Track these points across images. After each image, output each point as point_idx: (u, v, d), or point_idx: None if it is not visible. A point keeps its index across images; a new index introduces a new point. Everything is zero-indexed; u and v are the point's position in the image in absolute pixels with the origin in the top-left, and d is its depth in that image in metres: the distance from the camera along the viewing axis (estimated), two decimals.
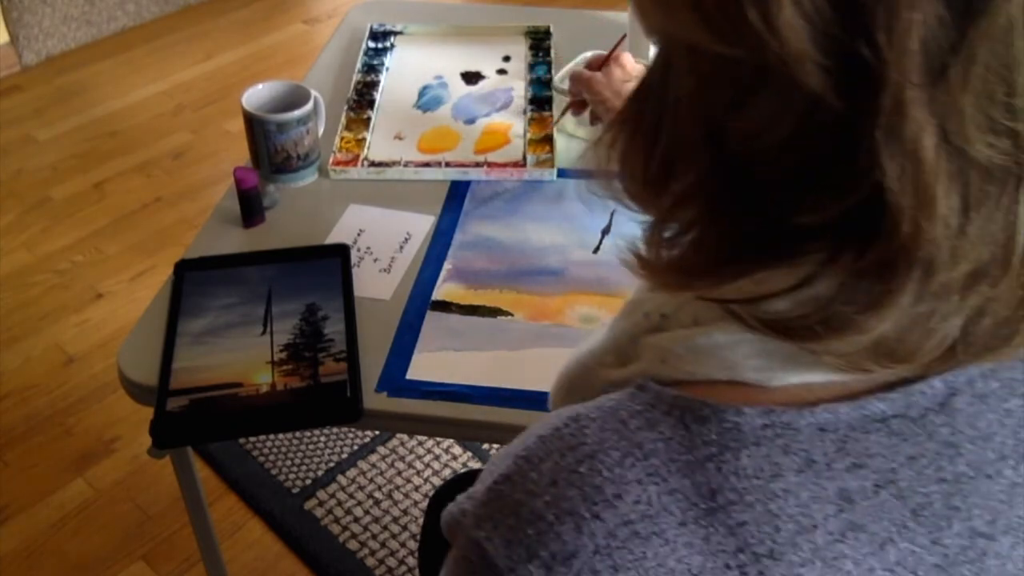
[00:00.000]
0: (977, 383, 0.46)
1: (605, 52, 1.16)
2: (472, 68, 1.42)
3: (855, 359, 0.42)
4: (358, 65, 1.41)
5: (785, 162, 0.40)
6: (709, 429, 0.44)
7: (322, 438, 1.80)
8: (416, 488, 1.72)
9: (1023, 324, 0.42)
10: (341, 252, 1.08)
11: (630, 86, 1.10)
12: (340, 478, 1.73)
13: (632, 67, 1.15)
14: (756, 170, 0.41)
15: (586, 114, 1.19)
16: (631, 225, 0.49)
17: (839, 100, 0.37)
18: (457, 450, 1.78)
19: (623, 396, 0.47)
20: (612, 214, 1.13)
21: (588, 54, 1.31)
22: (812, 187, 0.40)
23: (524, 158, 1.23)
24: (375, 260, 1.09)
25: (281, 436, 1.79)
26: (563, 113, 1.25)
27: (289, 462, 1.76)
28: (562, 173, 1.20)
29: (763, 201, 0.42)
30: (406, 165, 1.22)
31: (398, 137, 1.28)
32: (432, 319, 1.01)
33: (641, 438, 0.44)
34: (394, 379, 0.95)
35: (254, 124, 1.17)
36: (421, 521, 1.64)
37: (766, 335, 0.43)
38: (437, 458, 1.76)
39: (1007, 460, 0.45)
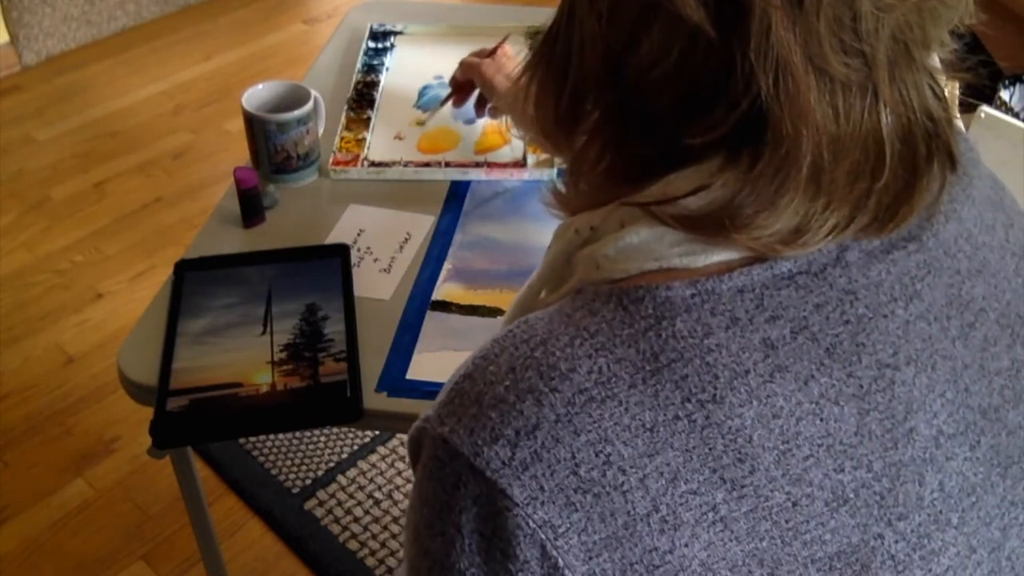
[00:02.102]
0: (863, 241, 0.51)
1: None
2: None
3: (759, 246, 0.48)
4: (358, 65, 1.41)
5: (674, 89, 0.47)
6: (645, 306, 0.49)
7: (322, 438, 1.80)
8: None
9: (900, 209, 0.50)
10: (341, 252, 1.08)
11: (508, 75, 1.19)
12: (340, 478, 1.73)
13: (516, 56, 1.22)
14: (650, 99, 0.48)
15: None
16: None
17: (715, 30, 0.44)
18: None
19: (564, 301, 0.52)
20: None
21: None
22: (699, 109, 0.47)
23: (524, 158, 1.23)
24: (375, 260, 1.09)
25: (281, 436, 1.79)
26: (443, 101, 1.30)
27: (289, 462, 1.76)
28: (562, 173, 1.20)
29: (659, 125, 0.49)
30: (406, 165, 1.22)
31: (398, 137, 1.28)
32: (432, 319, 1.01)
33: (586, 323, 0.49)
34: (394, 379, 0.95)
35: (254, 124, 1.17)
36: None
37: (681, 231, 0.49)
38: None
39: (897, 302, 0.51)
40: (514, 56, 1.22)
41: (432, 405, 0.51)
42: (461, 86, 1.27)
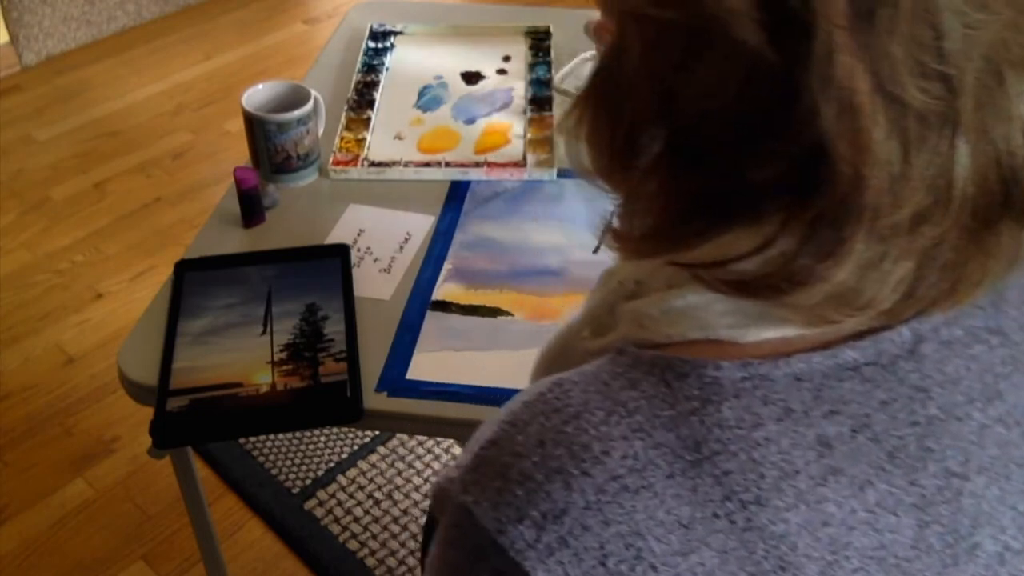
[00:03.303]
0: (942, 331, 0.47)
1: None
2: (472, 68, 1.42)
3: (819, 311, 0.44)
4: (358, 65, 1.41)
5: (733, 120, 0.42)
6: (690, 384, 0.45)
7: (322, 438, 1.80)
8: (416, 488, 1.71)
9: (970, 267, 0.43)
10: (341, 252, 1.08)
11: None
12: (340, 478, 1.73)
13: None
14: (708, 132, 0.43)
15: None
16: None
17: (775, 53, 0.39)
18: (457, 450, 1.78)
19: (603, 362, 0.48)
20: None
21: (588, 54, 1.31)
22: (760, 142, 0.41)
23: (524, 158, 1.23)
24: (375, 260, 1.09)
25: (281, 436, 1.79)
26: None
27: (289, 462, 1.76)
28: (562, 173, 1.20)
29: (718, 161, 0.43)
30: (406, 165, 1.22)
31: (398, 137, 1.28)
32: (432, 319, 1.01)
33: (624, 397, 0.45)
34: (394, 379, 0.95)
35: (254, 124, 1.17)
36: (421, 521, 1.64)
37: (732, 296, 0.45)
38: (437, 458, 1.76)
39: (975, 403, 0.47)
40: None
41: (456, 463, 0.48)
42: None
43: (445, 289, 1.05)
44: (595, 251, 1.14)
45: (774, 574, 0.43)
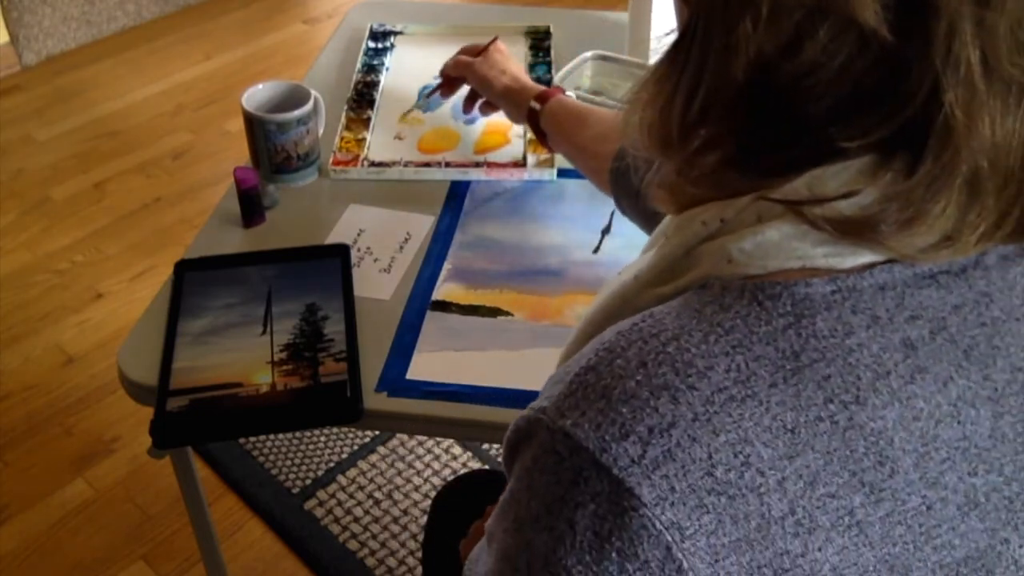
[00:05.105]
0: (999, 247, 0.51)
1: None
2: None
3: (914, 251, 0.47)
4: (358, 65, 1.41)
5: (831, 96, 0.45)
6: (783, 302, 0.47)
7: (322, 438, 1.80)
8: (416, 488, 1.71)
9: None
10: (341, 252, 1.08)
11: (512, 64, 1.19)
12: (340, 478, 1.73)
13: (508, 51, 1.22)
14: (802, 104, 0.45)
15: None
16: (631, 225, 0.51)
17: (892, 34, 0.42)
18: (457, 450, 1.78)
19: (687, 296, 0.50)
20: (612, 214, 1.13)
21: (588, 54, 1.31)
22: (858, 113, 0.45)
23: (524, 158, 1.23)
24: (375, 260, 1.09)
25: (281, 436, 1.79)
26: (431, 92, 1.30)
27: (289, 462, 1.76)
28: (562, 173, 1.20)
29: (809, 130, 0.46)
30: (406, 165, 1.22)
31: (398, 137, 1.28)
32: (432, 319, 1.01)
33: (719, 318, 0.47)
34: (394, 379, 0.95)
35: (254, 124, 1.17)
36: (421, 521, 1.64)
37: (831, 234, 0.47)
38: (437, 458, 1.76)
39: None
40: (507, 51, 1.21)
41: (544, 395, 0.49)
42: (451, 80, 1.26)
43: (445, 289, 1.05)
44: (595, 251, 1.15)
45: (873, 470, 0.46)
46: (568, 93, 1.16)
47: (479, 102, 1.23)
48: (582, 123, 1.05)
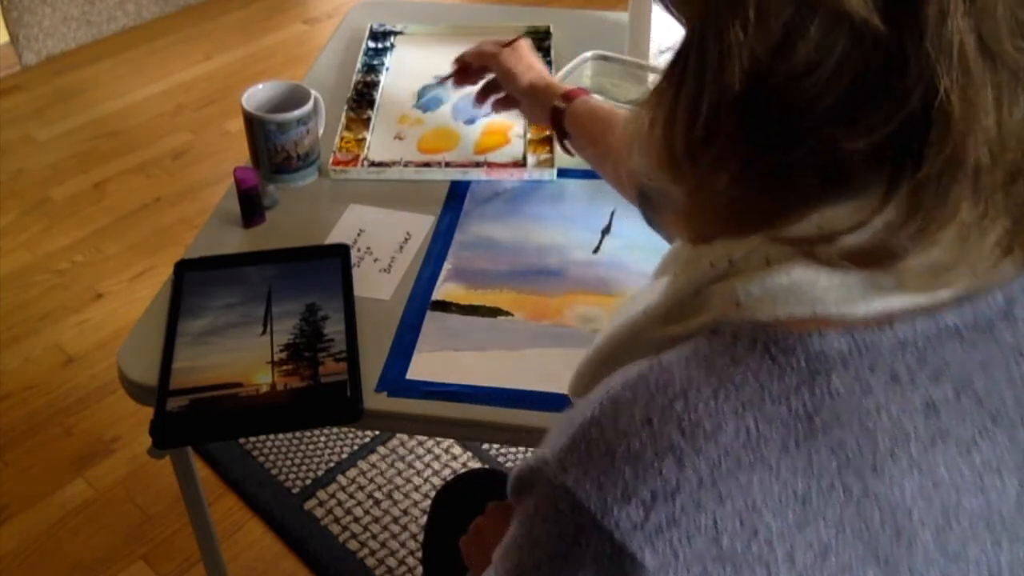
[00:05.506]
0: None
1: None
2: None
3: (927, 275, 0.44)
4: (358, 65, 1.41)
5: (831, 96, 0.41)
6: (797, 357, 0.45)
7: (322, 438, 1.80)
8: (416, 488, 1.71)
9: None
10: (341, 252, 1.08)
11: (538, 61, 1.15)
12: (340, 478, 1.73)
13: (531, 50, 1.17)
14: (801, 108, 0.42)
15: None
16: (631, 225, 0.49)
17: (884, 23, 0.40)
18: (457, 450, 1.78)
19: (699, 343, 0.47)
20: (612, 214, 1.13)
21: (588, 54, 1.31)
22: (858, 113, 0.41)
23: (524, 158, 1.23)
24: (375, 260, 1.09)
25: (281, 436, 1.79)
26: (444, 79, 1.27)
27: (289, 462, 1.76)
28: (562, 173, 1.20)
29: (810, 135, 0.43)
30: (406, 165, 1.22)
31: (398, 137, 1.28)
32: (432, 319, 1.01)
33: (730, 372, 0.45)
34: (394, 379, 0.95)
35: (254, 124, 1.17)
36: (421, 521, 1.64)
37: (847, 268, 0.45)
38: (437, 458, 1.76)
39: None
40: (532, 49, 1.18)
41: (548, 444, 0.47)
42: (466, 70, 1.21)
43: (445, 289, 1.05)
44: (595, 251, 1.15)
45: (890, 542, 0.43)
46: (597, 98, 1.13)
47: (493, 97, 1.19)
48: (609, 127, 1.01)
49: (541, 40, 1.47)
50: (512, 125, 1.29)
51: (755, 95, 0.43)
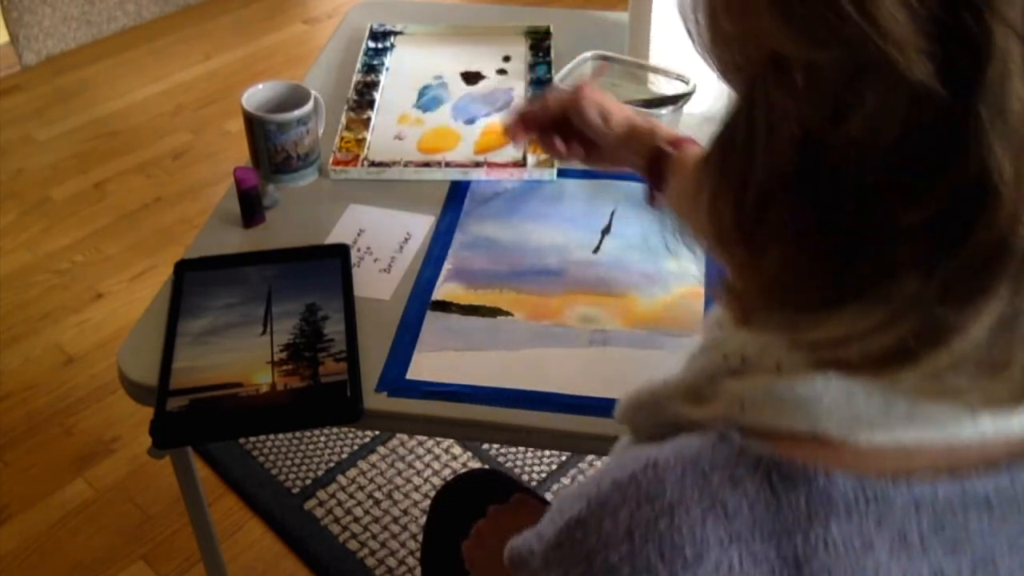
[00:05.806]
0: None
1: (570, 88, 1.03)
2: (472, 68, 1.42)
3: (946, 378, 0.39)
4: (358, 65, 1.41)
5: (888, 166, 0.38)
6: (798, 494, 0.42)
7: (322, 438, 1.80)
8: (416, 488, 1.72)
9: None
10: (341, 252, 1.08)
11: (618, 104, 1.00)
12: (340, 478, 1.73)
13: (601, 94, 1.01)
14: (854, 181, 0.38)
15: None
16: (631, 225, 0.48)
17: (944, 87, 0.36)
18: (457, 450, 1.78)
19: (704, 445, 0.45)
20: (612, 214, 1.13)
21: (588, 54, 1.31)
22: (914, 186, 0.37)
23: (524, 158, 1.23)
24: (375, 260, 1.09)
25: (281, 436, 1.79)
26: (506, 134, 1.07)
27: (289, 462, 1.76)
28: (562, 173, 1.20)
29: (863, 212, 0.39)
30: (406, 165, 1.22)
31: (398, 137, 1.28)
32: (432, 319, 1.01)
33: (725, 496, 0.42)
34: (394, 379, 0.95)
35: (254, 124, 1.17)
36: (421, 521, 1.64)
37: (858, 374, 0.41)
38: (437, 458, 1.76)
39: None
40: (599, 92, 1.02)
41: (538, 531, 0.47)
42: (531, 121, 1.03)
43: (445, 289, 1.05)
44: (595, 251, 1.14)
45: None
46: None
47: (557, 140, 1.02)
48: None
49: (541, 40, 1.47)
50: None
51: (808, 167, 0.40)
